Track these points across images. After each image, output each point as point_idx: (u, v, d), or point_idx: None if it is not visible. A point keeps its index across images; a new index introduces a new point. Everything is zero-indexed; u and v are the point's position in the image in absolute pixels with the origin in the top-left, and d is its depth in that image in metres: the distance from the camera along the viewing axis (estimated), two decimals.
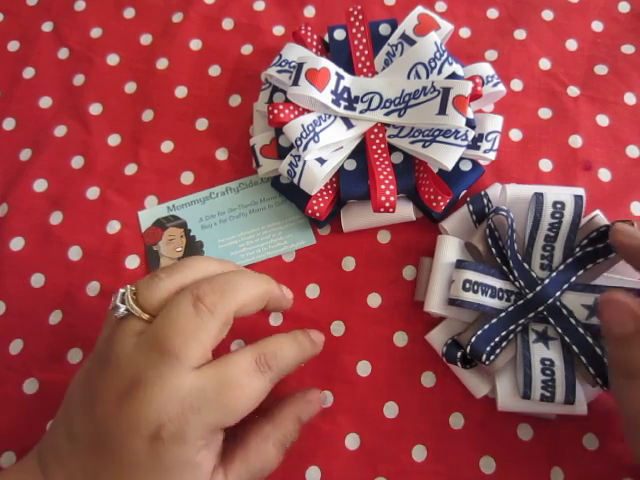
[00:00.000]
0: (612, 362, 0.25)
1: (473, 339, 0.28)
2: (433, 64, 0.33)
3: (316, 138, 0.32)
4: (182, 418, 0.22)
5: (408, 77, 0.33)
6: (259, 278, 0.27)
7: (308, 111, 0.33)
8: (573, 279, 0.29)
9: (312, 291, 0.33)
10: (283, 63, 0.34)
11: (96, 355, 0.25)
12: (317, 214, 0.32)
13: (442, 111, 0.31)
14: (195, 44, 0.39)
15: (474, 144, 0.33)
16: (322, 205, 0.32)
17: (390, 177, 0.31)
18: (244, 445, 0.25)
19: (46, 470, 0.24)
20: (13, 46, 0.40)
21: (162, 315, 0.24)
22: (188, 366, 0.23)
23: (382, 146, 0.33)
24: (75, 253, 0.35)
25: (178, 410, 0.22)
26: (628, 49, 0.37)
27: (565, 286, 0.29)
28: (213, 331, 0.23)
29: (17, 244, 0.35)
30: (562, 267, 0.29)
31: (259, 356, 0.24)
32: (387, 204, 0.30)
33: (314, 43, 0.36)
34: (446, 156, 0.31)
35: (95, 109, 0.38)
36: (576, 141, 0.35)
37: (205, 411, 0.22)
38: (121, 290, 0.25)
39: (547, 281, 0.29)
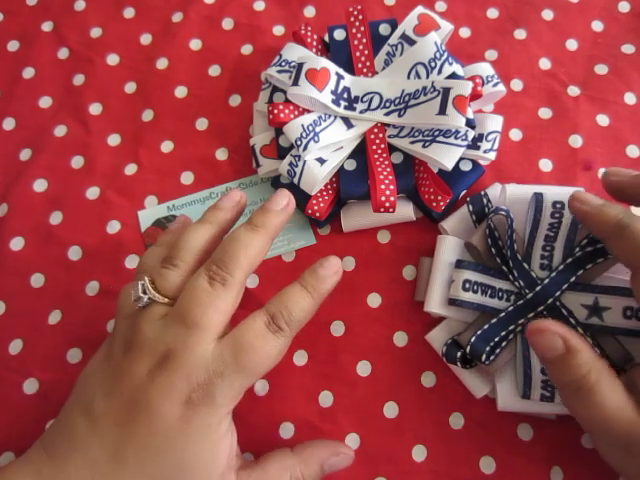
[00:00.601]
0: (556, 384, 0.26)
1: (473, 339, 0.28)
2: (433, 64, 0.33)
3: (316, 138, 0.32)
4: (209, 382, 0.24)
5: (408, 77, 0.33)
6: (253, 235, 0.27)
7: (308, 111, 0.33)
8: (573, 279, 0.29)
9: None
10: (283, 63, 0.34)
11: (118, 342, 0.26)
12: (317, 214, 0.32)
13: (442, 111, 0.31)
14: (195, 44, 0.39)
15: (474, 144, 0.33)
16: (322, 205, 0.32)
17: (390, 177, 0.31)
18: (264, 467, 0.27)
19: (57, 456, 0.25)
20: (13, 46, 0.40)
21: (183, 295, 0.26)
22: (210, 335, 0.25)
23: (382, 146, 0.33)
24: (75, 253, 0.35)
25: (205, 376, 0.24)
26: (628, 49, 0.37)
27: (565, 286, 0.29)
28: (230, 300, 0.26)
29: (17, 244, 0.35)
30: (562, 267, 0.29)
31: (268, 319, 0.26)
32: (387, 204, 0.30)
33: (314, 43, 0.36)
34: (446, 156, 0.31)
35: (95, 109, 0.38)
36: (576, 141, 0.35)
37: (228, 375, 0.24)
38: (140, 282, 0.27)
39: (547, 281, 0.29)
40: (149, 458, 0.24)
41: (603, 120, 0.36)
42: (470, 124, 0.31)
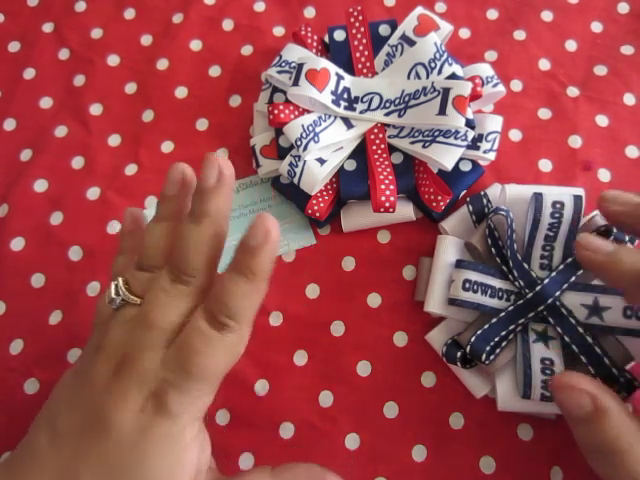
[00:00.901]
0: (580, 441, 0.24)
1: (473, 339, 0.28)
2: (433, 64, 0.33)
3: (316, 138, 0.32)
4: (162, 391, 0.22)
5: (408, 77, 0.33)
6: (199, 230, 0.24)
7: (308, 111, 0.33)
8: (573, 279, 0.29)
9: (312, 291, 0.33)
10: (283, 64, 0.34)
11: (89, 348, 0.25)
12: (317, 214, 0.32)
13: (442, 111, 0.31)
14: (195, 44, 0.39)
15: (474, 144, 0.33)
16: (322, 205, 0.32)
17: (390, 177, 0.31)
18: None
19: (19, 475, 0.23)
20: (14, 47, 0.40)
21: (146, 296, 0.24)
22: (165, 339, 0.23)
23: (382, 146, 0.33)
24: (75, 253, 0.35)
25: (156, 384, 0.23)
26: (628, 50, 0.37)
27: (565, 286, 0.29)
28: (189, 297, 0.24)
29: (17, 244, 0.35)
30: (562, 267, 0.29)
31: (210, 319, 0.23)
32: (387, 204, 0.30)
33: (314, 44, 0.36)
34: (446, 156, 0.31)
35: (95, 109, 0.38)
36: (576, 141, 0.35)
37: (178, 382, 0.22)
38: (113, 283, 0.25)
39: (547, 281, 0.29)
40: (105, 475, 0.22)
41: (602, 120, 0.36)
42: (470, 124, 0.32)
